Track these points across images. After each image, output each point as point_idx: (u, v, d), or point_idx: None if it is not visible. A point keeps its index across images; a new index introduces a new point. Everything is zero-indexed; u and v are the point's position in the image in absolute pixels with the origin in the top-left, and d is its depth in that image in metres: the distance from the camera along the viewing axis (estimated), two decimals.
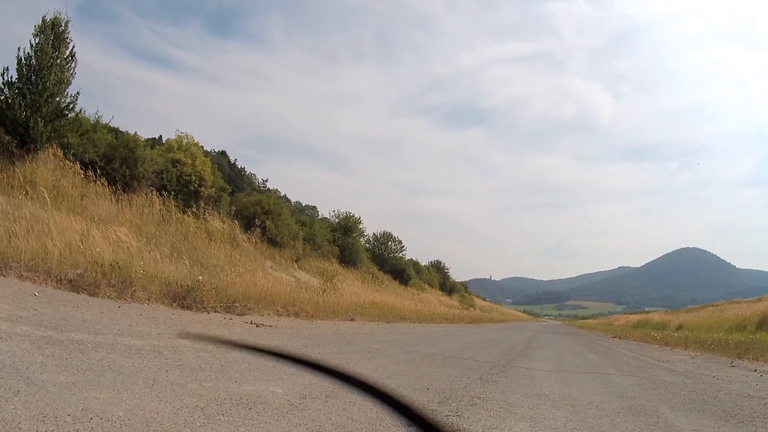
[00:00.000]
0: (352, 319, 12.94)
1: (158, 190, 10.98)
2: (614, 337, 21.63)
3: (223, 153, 35.52)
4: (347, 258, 25.24)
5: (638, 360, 10.05)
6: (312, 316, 10.83)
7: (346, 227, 27.48)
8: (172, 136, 13.24)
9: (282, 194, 38.82)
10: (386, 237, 33.84)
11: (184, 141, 12.96)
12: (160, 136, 22.88)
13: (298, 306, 10.76)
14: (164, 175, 11.32)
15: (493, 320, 41.05)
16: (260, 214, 17.33)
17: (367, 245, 31.49)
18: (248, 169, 38.72)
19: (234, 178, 29.50)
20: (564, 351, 11.66)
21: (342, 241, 25.73)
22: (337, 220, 27.79)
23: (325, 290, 15.53)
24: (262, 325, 7.53)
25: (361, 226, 28.35)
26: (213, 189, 13.84)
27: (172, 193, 11.46)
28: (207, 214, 12.73)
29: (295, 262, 18.61)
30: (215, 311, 7.83)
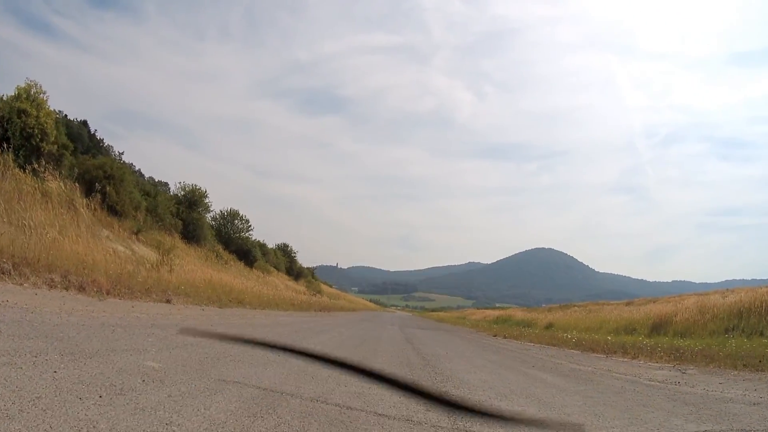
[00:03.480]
0: (167, 301, 10.14)
1: None
2: (494, 336, 18.90)
3: (84, 123, 31.03)
4: (191, 234, 24.64)
5: (634, 383, 6.38)
6: (107, 293, 8.16)
7: (192, 201, 26.33)
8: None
9: (137, 168, 35.33)
10: (233, 215, 32.91)
11: (33, 90, 11.59)
12: None
13: (88, 276, 8.09)
14: (8, 127, 10.19)
15: (344, 308, 40.70)
16: (102, 179, 16.10)
17: (213, 222, 30.72)
18: (107, 142, 34.96)
19: (92, 148, 26.41)
20: (485, 364, 7.73)
21: (186, 215, 24.85)
22: (183, 193, 26.36)
23: (160, 265, 14.79)
24: None
25: (206, 200, 27.14)
26: (55, 146, 12.65)
27: (11, 146, 10.40)
28: (47, 173, 11.72)
29: (135, 233, 17.81)
30: None
